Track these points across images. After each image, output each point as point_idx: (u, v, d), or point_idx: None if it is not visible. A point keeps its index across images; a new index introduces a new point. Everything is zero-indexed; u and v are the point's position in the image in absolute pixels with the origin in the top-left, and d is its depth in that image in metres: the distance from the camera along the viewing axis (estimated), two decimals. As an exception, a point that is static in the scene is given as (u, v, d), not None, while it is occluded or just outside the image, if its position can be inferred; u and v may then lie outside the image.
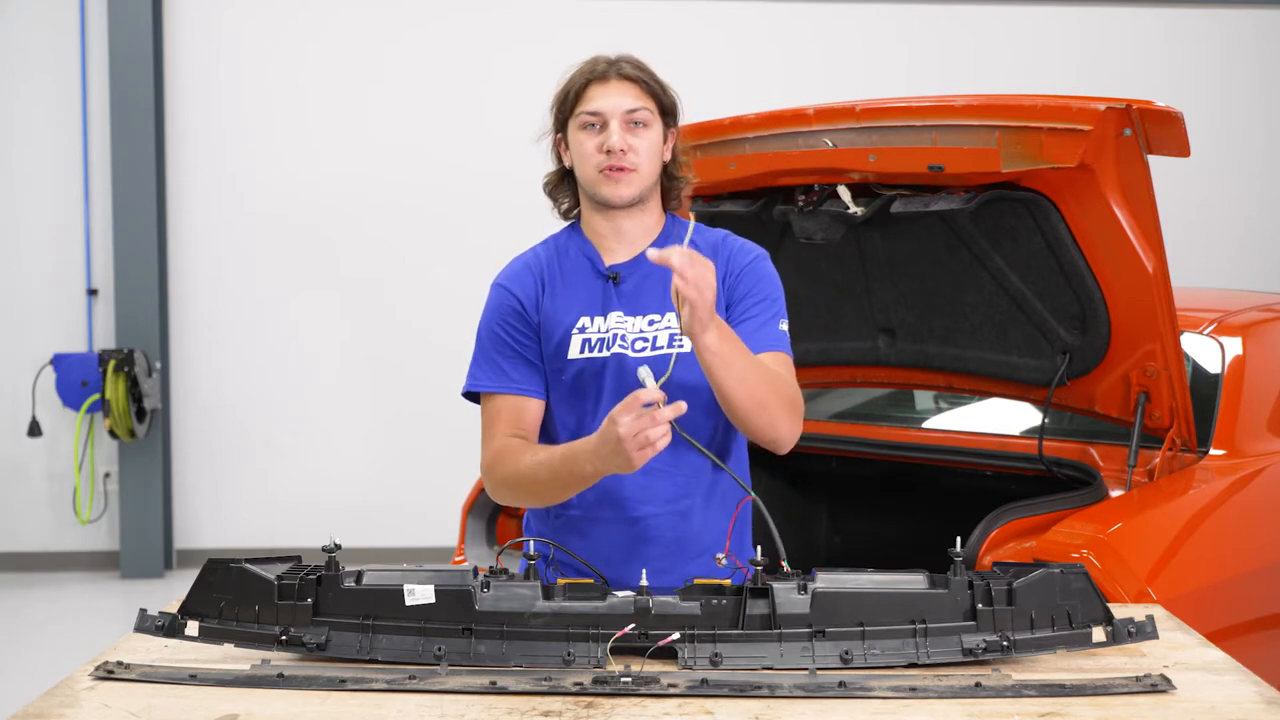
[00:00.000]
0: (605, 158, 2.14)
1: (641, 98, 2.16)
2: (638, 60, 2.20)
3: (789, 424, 2.09)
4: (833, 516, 3.82)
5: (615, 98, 2.14)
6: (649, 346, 2.17)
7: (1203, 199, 6.72)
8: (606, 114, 2.14)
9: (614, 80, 2.15)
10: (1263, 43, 6.94)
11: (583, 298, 2.20)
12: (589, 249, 2.24)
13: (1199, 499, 2.78)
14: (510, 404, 2.19)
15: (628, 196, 2.16)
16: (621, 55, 2.20)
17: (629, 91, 2.15)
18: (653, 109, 2.17)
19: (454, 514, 4.11)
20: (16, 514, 6.68)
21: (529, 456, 2.10)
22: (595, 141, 2.15)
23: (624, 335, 2.17)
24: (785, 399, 2.08)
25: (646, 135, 2.16)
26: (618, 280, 2.20)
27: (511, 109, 6.69)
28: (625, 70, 2.16)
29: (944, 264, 3.03)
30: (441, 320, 6.68)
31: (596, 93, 2.15)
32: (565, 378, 2.18)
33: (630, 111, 2.14)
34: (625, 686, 1.67)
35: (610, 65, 2.17)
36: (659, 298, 2.19)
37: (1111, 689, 1.68)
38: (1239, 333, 3.15)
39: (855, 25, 6.80)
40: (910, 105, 2.71)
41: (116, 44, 6.46)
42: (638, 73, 2.17)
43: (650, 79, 2.18)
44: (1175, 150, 2.54)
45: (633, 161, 2.14)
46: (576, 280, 2.22)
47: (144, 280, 6.55)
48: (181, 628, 1.81)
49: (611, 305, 2.19)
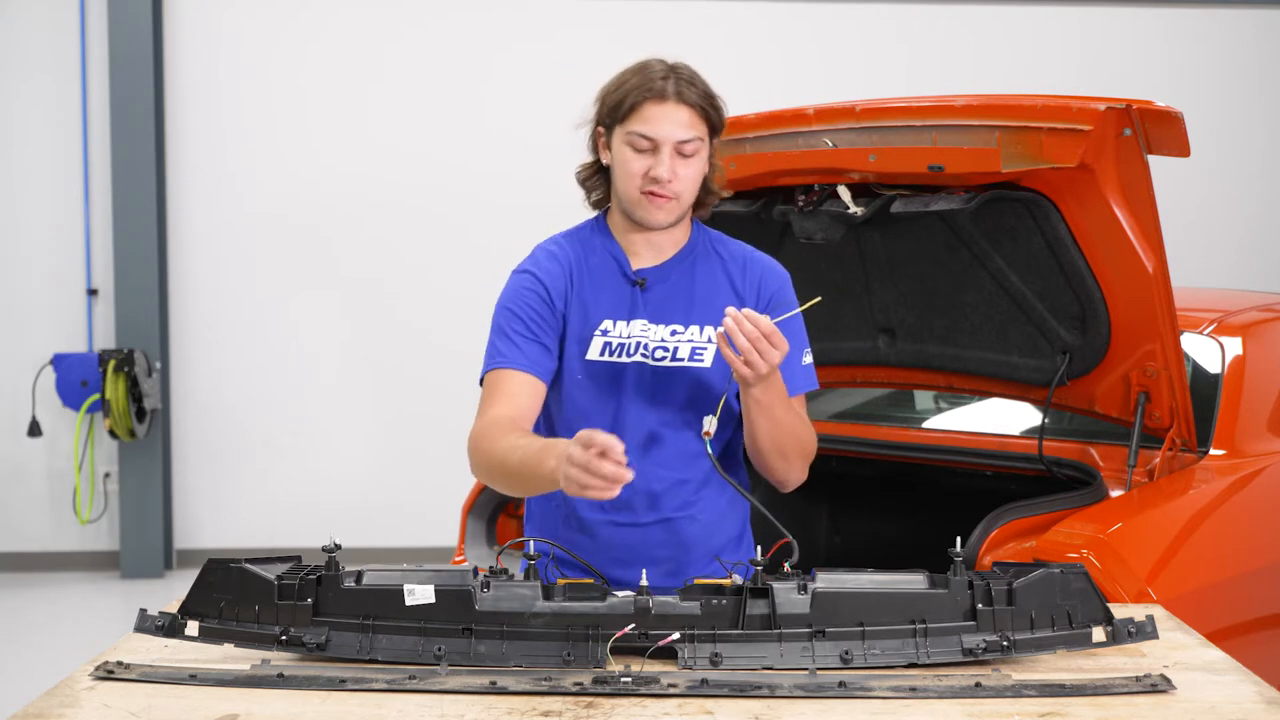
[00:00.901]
0: (650, 183, 2.10)
1: (695, 124, 2.10)
2: (694, 74, 2.12)
3: (799, 473, 2.23)
4: (833, 516, 3.82)
5: (670, 125, 2.08)
6: (669, 357, 2.17)
7: (1203, 199, 6.72)
8: (659, 141, 2.08)
9: (672, 103, 2.08)
10: (1263, 43, 6.94)
11: (609, 300, 2.19)
12: (617, 250, 2.22)
13: (1199, 499, 2.78)
14: (513, 379, 2.14)
15: (665, 222, 2.15)
16: (678, 67, 2.12)
17: (685, 119, 2.08)
18: (704, 135, 2.12)
19: (454, 514, 4.11)
20: (16, 514, 6.68)
21: (510, 438, 2.04)
22: (643, 164, 2.10)
23: (646, 344, 2.17)
24: (804, 452, 2.21)
25: (694, 164, 2.12)
26: (644, 285, 2.19)
27: (512, 109, 6.70)
28: (686, 96, 2.08)
29: (944, 264, 3.03)
30: (442, 320, 6.69)
31: (653, 114, 2.08)
32: (580, 378, 2.17)
33: (683, 142, 2.09)
34: (625, 686, 1.67)
35: (668, 81, 2.08)
36: (683, 308, 2.20)
37: (1111, 689, 1.68)
38: (1239, 333, 3.15)
39: (855, 25, 6.80)
40: (910, 105, 2.71)
41: (116, 44, 6.46)
42: (696, 97, 2.09)
43: (707, 103, 2.11)
44: (1175, 150, 2.54)
45: (675, 190, 2.11)
46: (603, 281, 2.20)
47: (144, 280, 6.55)
48: (181, 628, 1.81)
49: (637, 311, 2.18)
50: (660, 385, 2.17)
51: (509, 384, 2.13)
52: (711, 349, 2.18)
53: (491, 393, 2.15)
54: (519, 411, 2.12)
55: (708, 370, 2.18)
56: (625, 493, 2.15)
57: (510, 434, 2.05)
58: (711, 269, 2.24)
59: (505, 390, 2.13)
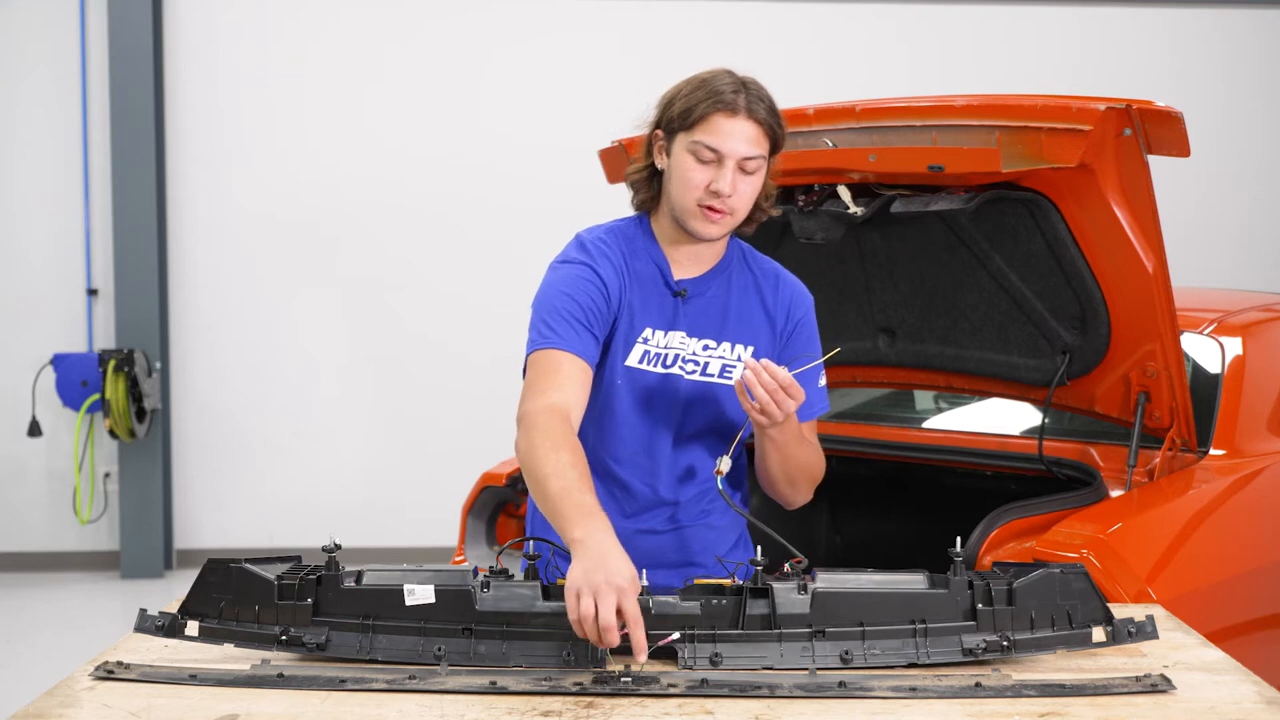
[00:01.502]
0: (710, 196, 2.08)
1: (761, 142, 2.08)
2: (762, 89, 2.10)
3: (805, 496, 2.27)
4: (833, 516, 3.82)
5: (738, 141, 2.05)
6: (700, 371, 2.18)
7: (1203, 199, 6.72)
8: (725, 154, 2.06)
9: (742, 118, 2.05)
10: (1263, 43, 6.94)
11: (654, 308, 2.18)
12: (660, 258, 2.20)
13: (1199, 499, 2.78)
14: (567, 362, 2.06)
15: (717, 235, 2.14)
16: (749, 83, 2.09)
17: (752, 135, 2.06)
18: (766, 153, 2.11)
19: (454, 514, 4.11)
20: (16, 514, 6.68)
21: (564, 455, 1.92)
22: (704, 176, 2.07)
23: (681, 356, 2.18)
24: (812, 479, 2.25)
25: (753, 182, 2.11)
26: (685, 296, 2.19)
27: (512, 109, 6.70)
28: (756, 112, 2.06)
29: (944, 264, 3.03)
30: (442, 320, 6.69)
31: (722, 126, 2.05)
32: (620, 383, 2.16)
33: (747, 159, 2.07)
34: (625, 686, 1.67)
35: (739, 95, 2.06)
36: (717, 323, 2.20)
37: (1111, 689, 1.68)
38: (1239, 333, 3.15)
39: (856, 25, 6.80)
40: (910, 105, 2.71)
41: (116, 43, 6.46)
42: (765, 114, 2.07)
43: (774, 121, 2.09)
44: (1175, 150, 2.54)
45: (733, 206, 2.09)
46: (649, 288, 2.18)
47: (144, 280, 6.55)
48: (181, 628, 1.81)
49: (678, 323, 2.18)
50: (690, 399, 2.18)
51: (563, 367, 2.06)
52: (740, 367, 2.17)
53: (545, 372, 2.06)
54: (570, 401, 2.04)
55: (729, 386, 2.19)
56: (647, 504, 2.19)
57: (563, 447, 1.93)
58: (745, 285, 2.24)
59: (561, 374, 2.05)
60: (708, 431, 2.20)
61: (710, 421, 2.19)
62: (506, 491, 3.38)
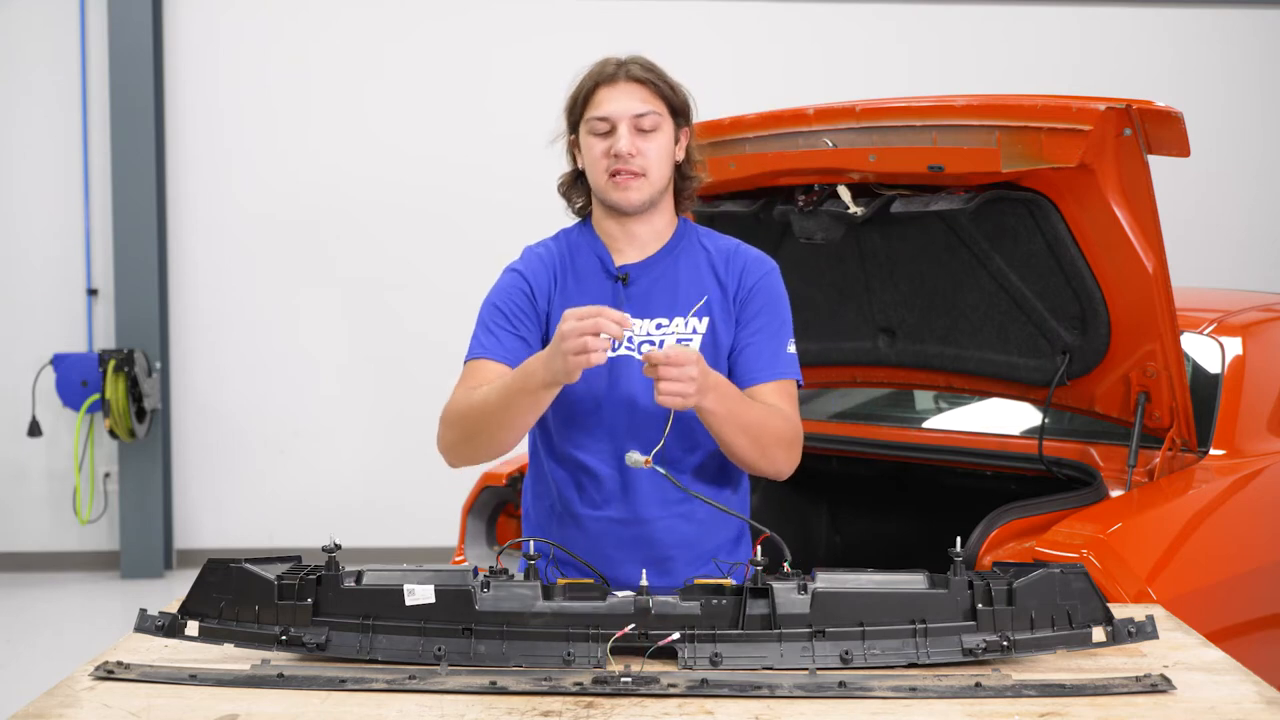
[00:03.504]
0: (614, 161, 2.13)
1: (650, 100, 2.14)
2: (647, 61, 2.18)
3: (787, 460, 2.17)
4: (833, 516, 3.82)
5: (624, 101, 2.13)
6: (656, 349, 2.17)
7: (1203, 199, 6.72)
8: (614, 118, 2.13)
9: (622, 83, 2.14)
10: (1263, 43, 6.94)
11: (593, 296, 2.20)
12: (600, 248, 2.24)
13: (1199, 499, 2.78)
14: (488, 367, 2.16)
15: (637, 201, 2.16)
16: (631, 57, 2.19)
17: (637, 94, 2.14)
18: (662, 111, 2.15)
19: (454, 514, 4.11)
20: (16, 514, 6.68)
21: (479, 391, 2.09)
22: (603, 146, 2.14)
23: (630, 338, 2.18)
24: (783, 440, 2.15)
25: (656, 139, 2.15)
26: (627, 281, 2.20)
27: (512, 109, 6.70)
28: (634, 72, 2.15)
29: (944, 264, 3.03)
30: (441, 320, 6.67)
31: (605, 96, 2.14)
32: None
33: (639, 116, 2.12)
34: (625, 686, 1.67)
35: (619, 67, 2.15)
36: (667, 301, 2.20)
37: (1111, 689, 1.68)
38: (1239, 333, 3.15)
39: (855, 25, 6.80)
40: (910, 105, 2.71)
41: (116, 44, 6.46)
42: (646, 74, 2.15)
43: (659, 80, 2.16)
44: (1175, 150, 2.54)
45: (641, 165, 2.13)
46: (587, 279, 2.22)
47: (144, 280, 6.55)
48: (181, 628, 1.81)
49: (621, 306, 2.19)
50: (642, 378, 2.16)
51: (483, 372, 2.16)
52: (697, 340, 2.19)
53: (464, 379, 2.18)
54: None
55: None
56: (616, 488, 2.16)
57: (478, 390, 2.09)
58: (695, 261, 2.24)
59: (477, 377, 2.15)
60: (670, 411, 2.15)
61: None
62: (506, 491, 3.38)
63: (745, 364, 2.19)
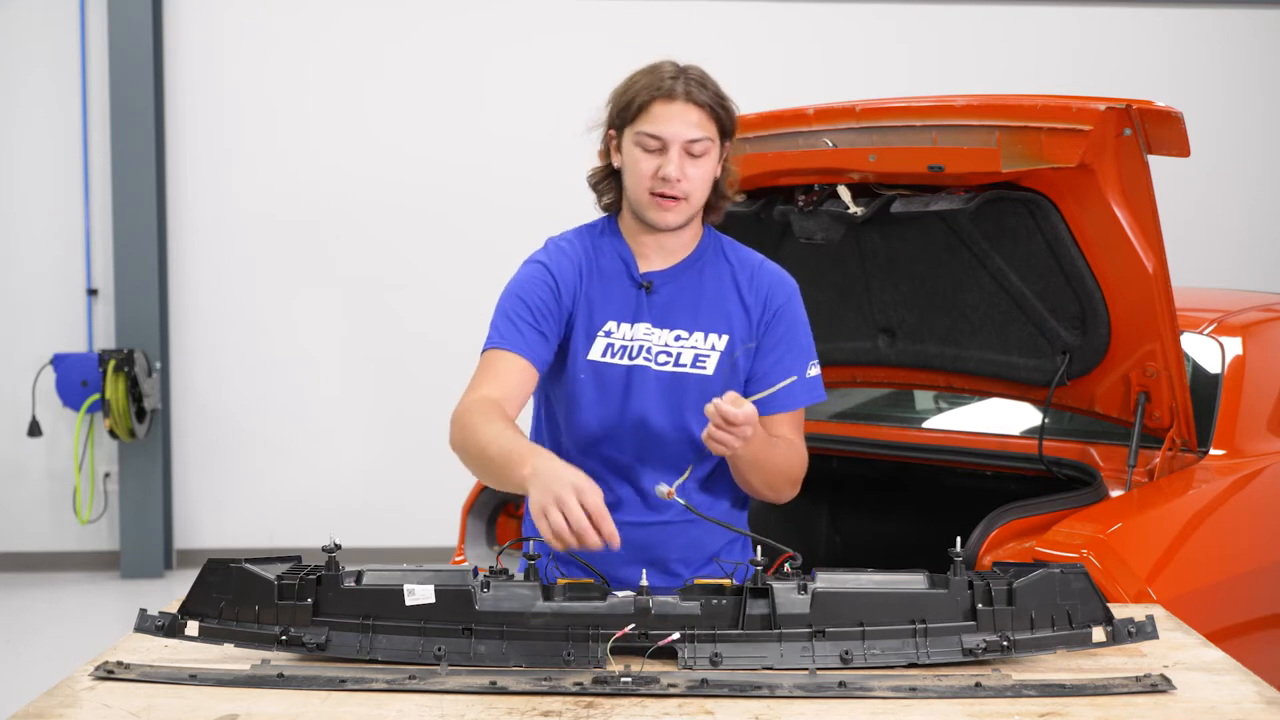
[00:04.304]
0: (659, 183, 2.09)
1: (705, 124, 2.08)
2: (704, 75, 2.11)
3: (791, 492, 2.24)
4: (833, 516, 3.82)
5: (679, 124, 2.06)
6: (672, 362, 2.17)
7: (1203, 199, 6.72)
8: (668, 140, 2.07)
9: (680, 103, 2.06)
10: (1263, 43, 6.94)
11: (615, 301, 2.18)
12: (626, 252, 2.21)
13: (1199, 499, 2.78)
14: (508, 360, 2.11)
15: (675, 224, 2.14)
16: (689, 68, 2.11)
17: (693, 118, 2.07)
18: (714, 135, 2.10)
19: (454, 514, 4.10)
20: (16, 514, 6.68)
21: (496, 425, 1.99)
22: (651, 164, 2.09)
23: (649, 348, 2.17)
24: (792, 480, 2.22)
25: (703, 164, 2.10)
26: (650, 289, 2.18)
27: (511, 109, 6.70)
28: (694, 94, 2.07)
29: (944, 264, 3.03)
30: (441, 320, 6.69)
31: (661, 113, 2.07)
32: (583, 377, 2.17)
33: (691, 141, 2.07)
34: (625, 686, 1.67)
35: (677, 81, 2.07)
36: (688, 314, 2.19)
37: (1111, 689, 1.68)
38: (1239, 333, 3.15)
39: (855, 25, 6.80)
40: (910, 105, 2.71)
41: (116, 44, 6.46)
42: (705, 96, 2.08)
43: (716, 103, 2.09)
44: (1175, 150, 2.54)
45: (685, 190, 2.09)
46: (611, 282, 2.19)
47: (144, 280, 6.55)
48: (181, 628, 1.81)
49: (642, 315, 2.18)
50: (662, 390, 2.17)
51: (503, 364, 2.11)
52: (715, 355, 2.18)
53: (484, 370, 2.13)
54: (507, 393, 2.09)
55: (709, 378, 2.18)
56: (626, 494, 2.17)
57: (496, 420, 2.01)
58: (720, 275, 2.22)
59: (498, 370, 2.11)
60: (682, 420, 2.18)
61: (685, 410, 2.18)
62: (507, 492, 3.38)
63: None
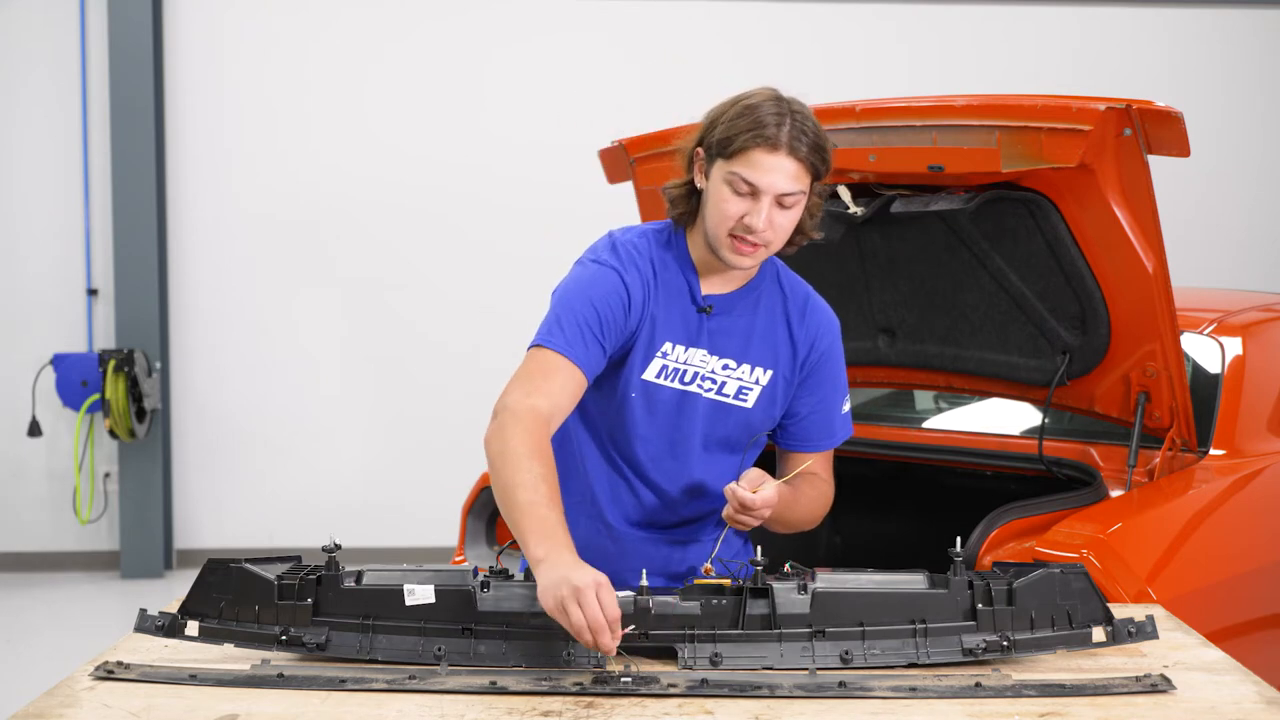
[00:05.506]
0: (742, 228, 2.02)
1: (801, 178, 2.01)
2: (806, 117, 2.02)
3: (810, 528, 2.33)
4: (833, 516, 3.80)
5: (776, 175, 1.99)
6: (716, 390, 2.16)
7: (1203, 199, 6.72)
8: (761, 190, 1.99)
9: (782, 154, 1.98)
10: (1263, 43, 6.94)
11: (676, 322, 2.14)
12: (691, 274, 2.15)
13: (1199, 499, 2.78)
14: (564, 369, 2.02)
15: (747, 266, 2.10)
16: (795, 111, 2.01)
17: (792, 171, 1.99)
18: (808, 187, 2.04)
19: (454, 514, 4.11)
20: (16, 514, 6.68)
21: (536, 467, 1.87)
22: (739, 207, 2.01)
23: (700, 374, 2.15)
24: (814, 520, 2.31)
25: (790, 215, 2.04)
26: (709, 312, 2.16)
27: (511, 109, 6.70)
28: (797, 147, 1.98)
29: (944, 264, 3.03)
30: (441, 320, 6.69)
31: (760, 161, 1.98)
32: (634, 395, 2.13)
33: (784, 194, 2.01)
34: (625, 686, 1.67)
35: (781, 129, 1.98)
36: (740, 344, 2.17)
37: (1111, 689, 1.68)
38: (1239, 333, 3.15)
39: (855, 25, 6.80)
40: (910, 105, 2.71)
41: (116, 44, 6.45)
42: (807, 150, 2.00)
43: (817, 157, 2.02)
44: (1175, 150, 2.54)
45: (766, 239, 2.04)
46: (673, 301, 2.15)
47: (144, 280, 6.55)
48: (181, 628, 1.81)
49: (700, 340, 2.15)
50: (705, 417, 2.17)
51: (561, 374, 2.02)
52: (757, 390, 2.17)
53: (540, 371, 2.02)
54: (557, 407, 2.00)
55: (749, 410, 2.18)
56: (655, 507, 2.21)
57: (537, 456, 1.89)
58: (773, 306, 2.21)
59: (555, 379, 2.01)
60: (720, 448, 2.20)
61: (723, 439, 2.19)
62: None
63: (801, 433, 2.26)
